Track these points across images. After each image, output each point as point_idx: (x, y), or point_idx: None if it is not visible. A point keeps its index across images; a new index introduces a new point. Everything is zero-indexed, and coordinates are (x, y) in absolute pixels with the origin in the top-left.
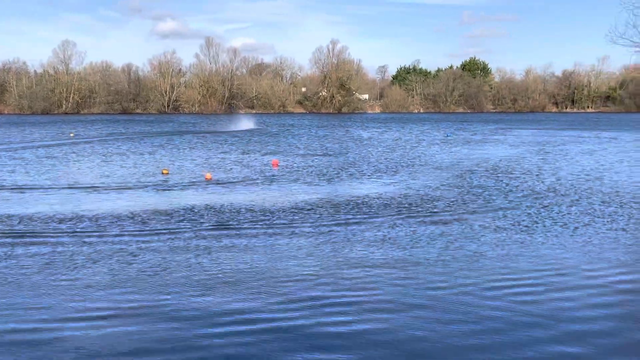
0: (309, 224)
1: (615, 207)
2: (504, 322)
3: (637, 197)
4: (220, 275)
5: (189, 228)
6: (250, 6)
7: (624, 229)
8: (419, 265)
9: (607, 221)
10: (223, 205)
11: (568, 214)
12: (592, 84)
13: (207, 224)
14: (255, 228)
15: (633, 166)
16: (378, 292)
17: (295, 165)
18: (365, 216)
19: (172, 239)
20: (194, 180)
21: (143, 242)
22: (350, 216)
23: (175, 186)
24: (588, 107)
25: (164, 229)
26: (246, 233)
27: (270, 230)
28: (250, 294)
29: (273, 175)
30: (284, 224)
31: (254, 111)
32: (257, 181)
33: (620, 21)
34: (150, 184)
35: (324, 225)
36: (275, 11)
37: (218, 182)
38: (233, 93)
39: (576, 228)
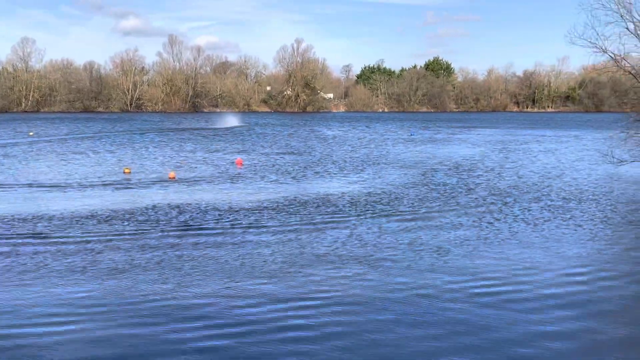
0: (273, 223)
1: (574, 204)
2: (466, 323)
3: (595, 194)
4: (184, 274)
5: (151, 228)
6: (213, 4)
7: (580, 225)
8: (384, 262)
9: (566, 217)
10: (187, 205)
11: (529, 210)
12: (552, 84)
13: (169, 224)
14: (219, 228)
15: (592, 164)
16: (341, 290)
17: (260, 164)
18: (330, 214)
19: (134, 240)
20: (158, 179)
21: (104, 242)
22: (316, 215)
23: (138, 185)
24: (548, 106)
25: (125, 230)
26: (210, 233)
27: (234, 230)
28: (215, 291)
29: (238, 174)
30: (248, 223)
31: (218, 110)
32: (222, 180)
33: (580, 22)
34: (111, 183)
35: (289, 225)
36: (239, 9)
37: (182, 181)
38: (197, 92)
39: (536, 224)
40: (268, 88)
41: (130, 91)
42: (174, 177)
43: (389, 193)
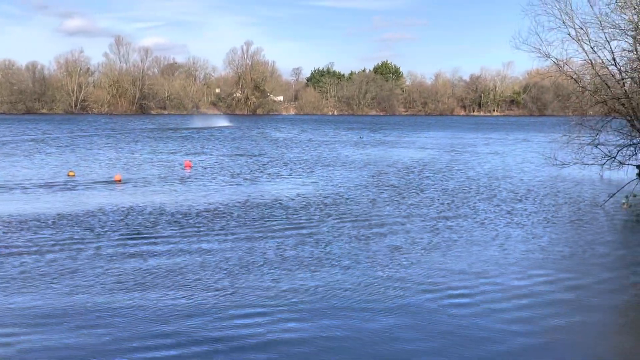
0: (221, 228)
1: (521, 204)
2: (415, 328)
3: (540, 195)
4: (128, 282)
5: (94, 234)
6: (162, 4)
7: (525, 224)
8: (334, 268)
9: (513, 217)
10: (131, 209)
11: (478, 210)
12: (497, 88)
13: (112, 230)
14: (165, 234)
15: (537, 167)
16: (292, 297)
17: (209, 166)
18: (280, 218)
19: (76, 244)
20: (103, 181)
21: (47, 247)
22: (266, 219)
23: (82, 188)
24: (494, 110)
25: (67, 236)
26: (155, 238)
27: (180, 236)
28: (158, 300)
29: (186, 177)
30: (195, 229)
31: (166, 112)
32: (169, 183)
33: (524, 28)
34: (55, 186)
35: (238, 230)
36: (188, 10)
37: (128, 184)
38: (144, 93)
39: (484, 224)
40: (217, 90)
41: (75, 92)
42: (120, 180)
43: (340, 195)
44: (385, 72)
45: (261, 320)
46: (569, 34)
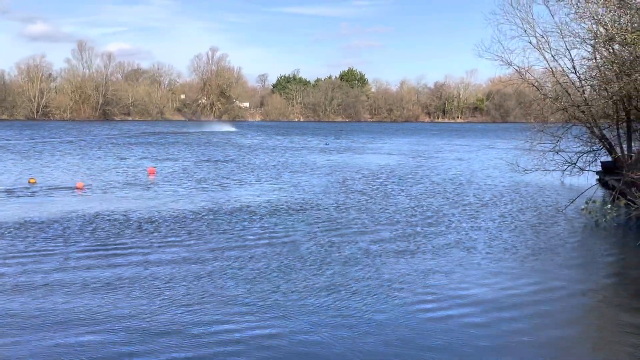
0: (187, 236)
1: (485, 209)
2: (377, 335)
3: (502, 201)
4: (94, 290)
5: (56, 241)
6: (126, 10)
7: (488, 229)
8: (301, 271)
9: (478, 222)
10: (92, 217)
11: (443, 216)
12: (461, 96)
13: (72, 238)
14: (130, 241)
15: (500, 173)
16: (258, 306)
17: (174, 172)
18: (247, 225)
19: (40, 253)
20: (64, 189)
21: (7, 256)
22: (232, 224)
23: (43, 196)
24: (458, 117)
25: (26, 243)
26: (120, 247)
27: (146, 243)
28: (126, 306)
29: (149, 183)
30: (161, 235)
31: (130, 118)
32: (132, 190)
33: (486, 36)
34: (15, 193)
35: (203, 236)
36: (153, 16)
37: (91, 191)
38: (108, 99)
39: (449, 227)
40: (182, 96)
41: (36, 98)
42: (81, 187)
43: (307, 201)
44: (351, 78)
45: (230, 327)
46: (530, 43)
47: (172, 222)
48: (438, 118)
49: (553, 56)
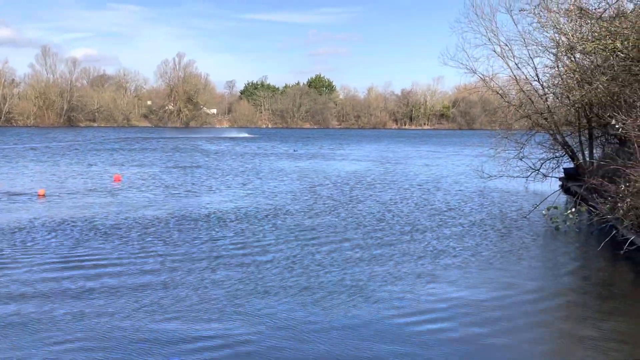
0: (151, 243)
1: (452, 214)
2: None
3: (469, 207)
4: (60, 299)
5: (14, 252)
6: (91, 15)
7: (454, 234)
8: (269, 271)
9: (445, 228)
10: (56, 224)
11: (409, 222)
12: (428, 103)
13: (37, 247)
14: (93, 250)
15: (466, 179)
16: (227, 317)
17: (141, 179)
18: (213, 231)
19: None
20: (25, 195)
21: None
22: (199, 231)
23: (3, 202)
24: (425, 124)
25: None
26: (82, 256)
27: (108, 251)
28: (92, 317)
29: (115, 190)
30: (125, 243)
31: (96, 124)
32: (97, 198)
33: (452, 44)
34: None
35: (170, 244)
36: (119, 22)
37: (53, 198)
38: (72, 105)
39: (416, 233)
40: (149, 102)
41: None
42: (43, 195)
43: (275, 207)
44: (319, 85)
45: (200, 333)
46: (494, 51)
47: (138, 230)
48: (405, 125)
49: (516, 64)
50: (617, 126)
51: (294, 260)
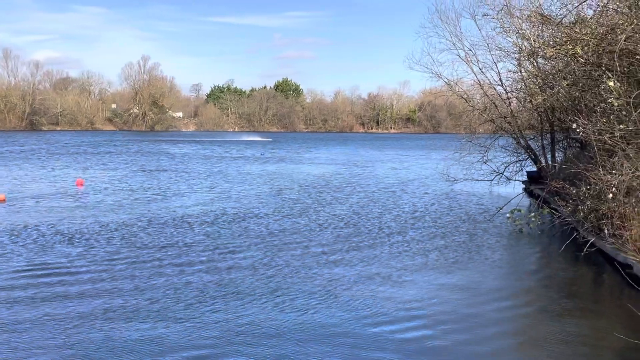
0: (115, 248)
1: (419, 215)
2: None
3: (435, 209)
4: (22, 310)
5: None
6: (55, 17)
7: (421, 236)
8: (235, 273)
9: (409, 231)
10: (18, 230)
11: (376, 225)
12: (394, 107)
13: None
14: (54, 258)
15: (432, 182)
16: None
17: (104, 183)
18: (179, 236)
19: None
20: None
21: None
22: (163, 237)
23: None
24: (391, 127)
25: None
26: (45, 263)
27: (72, 257)
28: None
29: (78, 195)
30: (89, 249)
31: (59, 128)
32: (59, 203)
33: (417, 49)
34: None
35: (135, 250)
36: (83, 24)
37: (14, 203)
38: (35, 109)
39: (382, 235)
40: (113, 106)
41: None
42: (4, 200)
43: (242, 211)
44: (286, 89)
45: (166, 340)
46: (459, 56)
47: (103, 234)
48: (372, 128)
49: (480, 69)
50: (577, 130)
51: (262, 264)
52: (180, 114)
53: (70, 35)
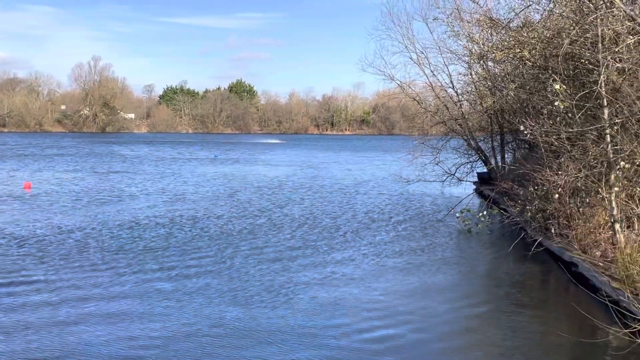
0: (66, 252)
1: (373, 216)
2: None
3: (389, 209)
4: None
5: None
6: (1, 17)
7: (373, 237)
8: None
9: (362, 232)
10: None
11: (328, 226)
12: (349, 108)
13: None
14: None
15: (386, 184)
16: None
17: (55, 185)
18: (131, 239)
19: None
20: None
21: None
22: (114, 240)
23: None
24: (346, 129)
25: None
26: None
27: (17, 265)
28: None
29: (26, 199)
30: (32, 255)
31: (6, 130)
32: (6, 205)
33: (370, 51)
34: None
35: (82, 252)
36: (32, 24)
37: None
38: None
39: (335, 237)
40: (63, 107)
41: None
42: None
43: (196, 213)
44: (240, 90)
45: (115, 345)
46: (411, 58)
47: (53, 239)
48: (327, 130)
49: (432, 72)
50: (525, 132)
51: (217, 265)
52: (132, 116)
53: (18, 35)
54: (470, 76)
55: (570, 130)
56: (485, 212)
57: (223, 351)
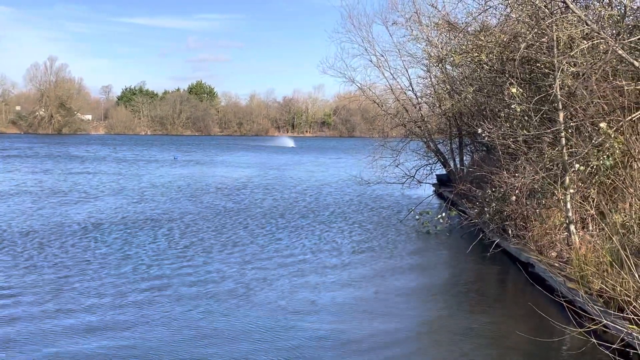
0: (21, 255)
1: (332, 218)
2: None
3: (349, 211)
4: None
5: None
6: None
7: (333, 238)
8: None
9: (322, 234)
10: None
11: (290, 228)
12: (309, 110)
13: None
14: None
15: (347, 186)
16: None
17: (7, 187)
18: (85, 241)
19: None
20: None
21: None
22: (71, 243)
23: None
24: (307, 131)
25: None
26: None
27: None
28: None
29: None
30: None
31: None
32: None
33: (331, 53)
34: None
35: (39, 255)
36: None
37: None
38: None
39: (295, 239)
40: (18, 108)
41: None
42: None
43: (155, 214)
44: (200, 92)
45: (71, 348)
46: (371, 61)
47: (7, 242)
48: (287, 132)
49: (392, 74)
50: (483, 134)
51: (177, 266)
52: (89, 117)
53: None
54: (429, 79)
55: (527, 133)
56: (444, 214)
57: (179, 350)
